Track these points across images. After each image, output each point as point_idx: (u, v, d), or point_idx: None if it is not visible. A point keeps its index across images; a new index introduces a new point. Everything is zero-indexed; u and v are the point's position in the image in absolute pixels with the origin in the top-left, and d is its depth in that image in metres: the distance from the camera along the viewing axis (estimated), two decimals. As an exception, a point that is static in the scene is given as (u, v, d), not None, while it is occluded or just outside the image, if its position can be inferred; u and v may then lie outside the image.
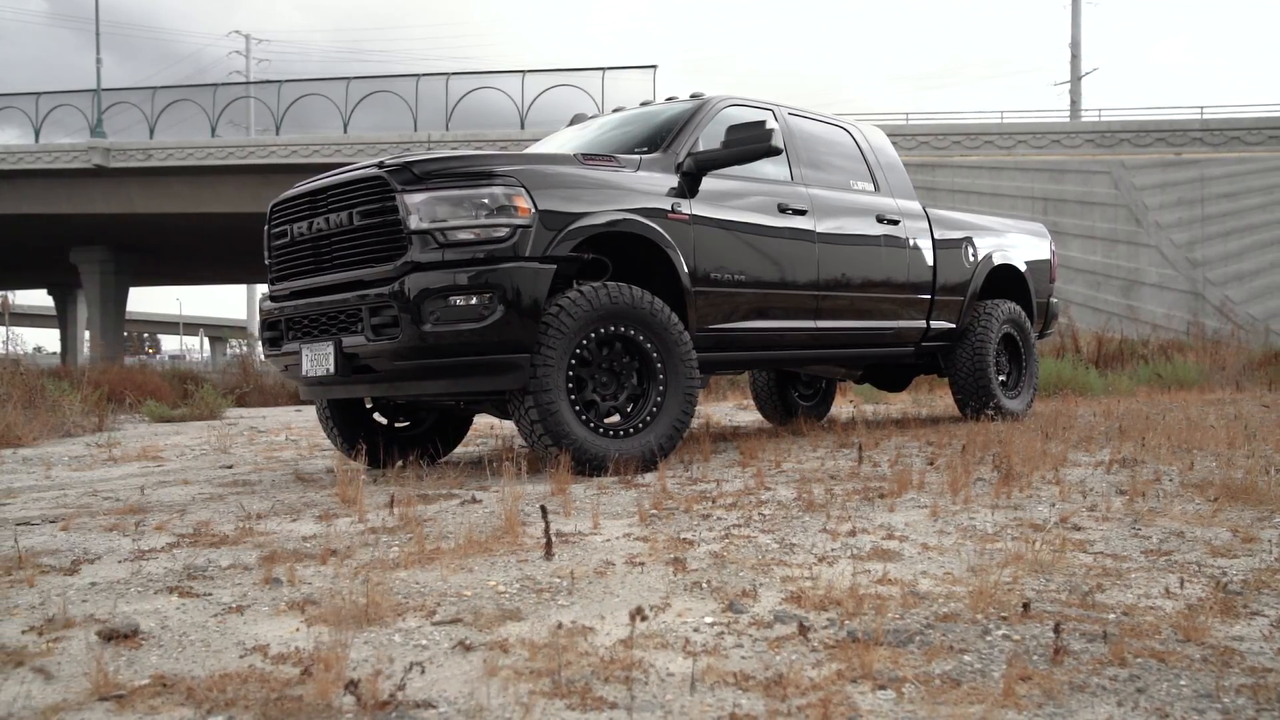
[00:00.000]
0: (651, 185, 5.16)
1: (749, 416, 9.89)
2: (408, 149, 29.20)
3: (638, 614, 1.99)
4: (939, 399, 11.66)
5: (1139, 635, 2.09)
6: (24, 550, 3.22)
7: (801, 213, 5.91)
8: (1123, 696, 1.77)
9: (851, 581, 2.63)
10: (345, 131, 30.91)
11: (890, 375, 7.86)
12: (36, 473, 6.17)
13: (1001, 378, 7.36)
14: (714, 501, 3.96)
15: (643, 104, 6.51)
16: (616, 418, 4.99)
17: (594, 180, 4.93)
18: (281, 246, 5.19)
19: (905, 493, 4.00)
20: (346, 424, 5.72)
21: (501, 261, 4.53)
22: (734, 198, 5.55)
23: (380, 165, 4.71)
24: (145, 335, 77.58)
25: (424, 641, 2.21)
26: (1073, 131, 25.36)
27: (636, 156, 5.29)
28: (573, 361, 4.74)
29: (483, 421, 9.52)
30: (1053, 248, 8.18)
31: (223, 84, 36.00)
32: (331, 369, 4.78)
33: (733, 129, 5.39)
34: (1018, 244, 7.74)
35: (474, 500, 4.10)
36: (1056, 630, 1.96)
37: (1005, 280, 7.55)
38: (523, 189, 4.61)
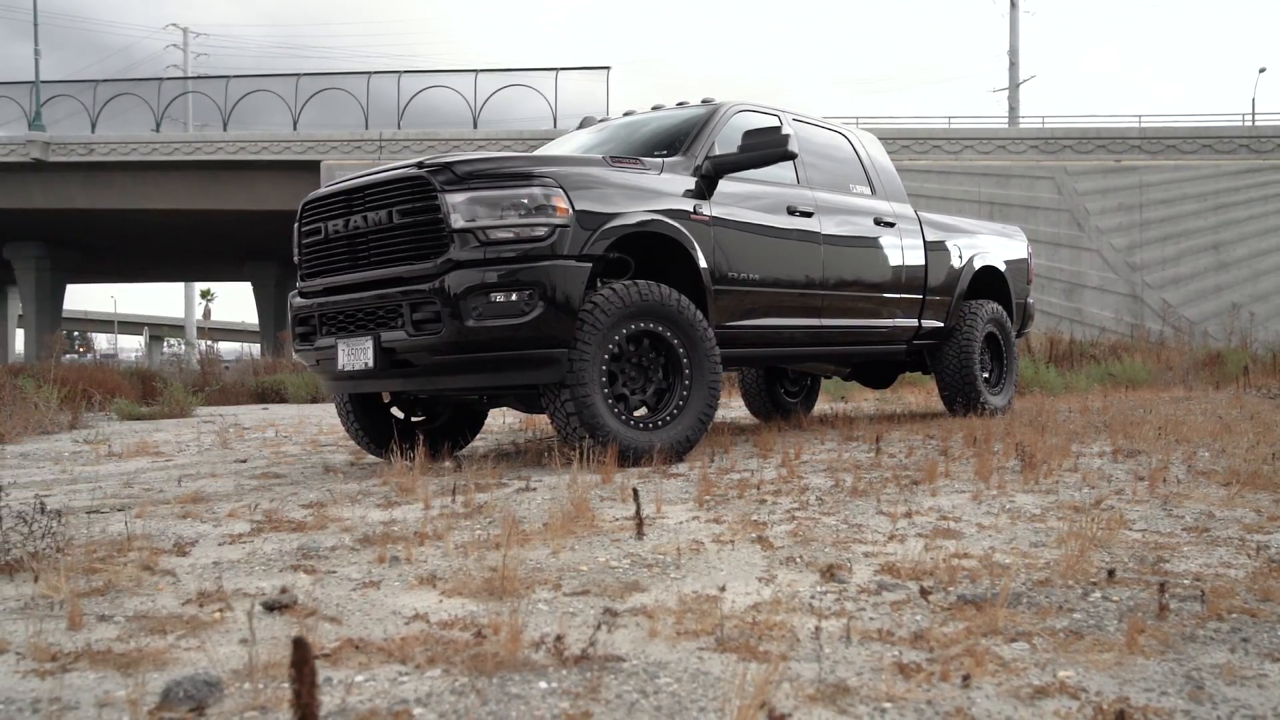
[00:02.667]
0: (675, 187, 5.37)
1: (732, 413, 10.13)
2: (358, 146, 29.14)
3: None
4: (906, 396, 12.01)
5: (1220, 596, 2.34)
6: (122, 535, 3.33)
7: (808, 215, 6.16)
8: (1232, 645, 2.02)
9: (933, 555, 2.86)
10: (295, 129, 30.64)
11: (877, 372, 8.16)
12: (47, 467, 6.19)
13: (985, 375, 7.68)
14: (758, 489, 4.17)
15: (654, 108, 6.71)
16: (643, 410, 5.19)
17: (623, 182, 5.13)
18: (314, 243, 5.30)
19: (936, 480, 4.25)
20: (367, 418, 5.85)
21: (541, 259, 4.70)
22: (747, 200, 5.78)
23: (420, 165, 4.86)
24: (76, 334, 75.84)
25: (570, 609, 2.39)
26: (1018, 138, 26.05)
27: (659, 159, 5.49)
28: (605, 357, 4.92)
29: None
30: (1029, 250, 8.54)
31: (167, 78, 35.48)
32: (370, 363, 4.91)
33: (749, 134, 5.61)
34: (998, 246, 8.07)
35: (528, 489, 4.27)
36: (1162, 590, 2.20)
37: (988, 281, 7.88)
38: (560, 190, 4.79)
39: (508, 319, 4.67)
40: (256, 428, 9.56)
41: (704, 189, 5.53)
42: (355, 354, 5.00)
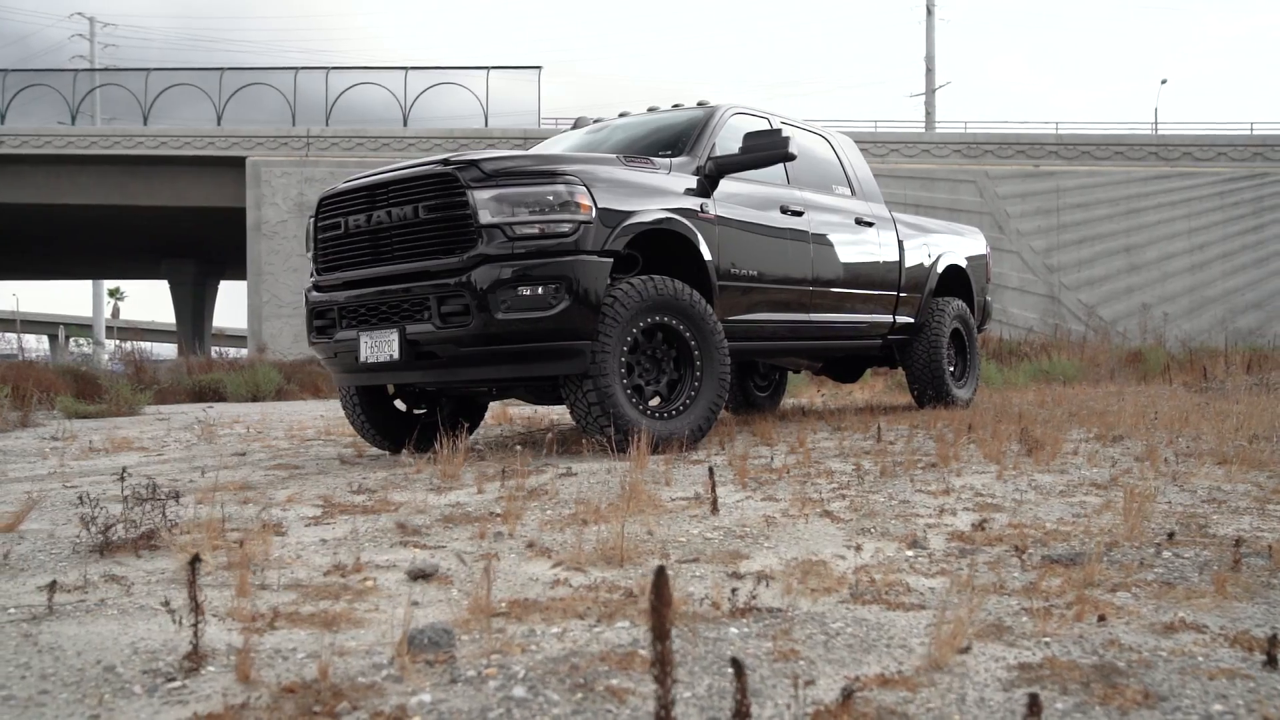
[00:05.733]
0: (683, 186, 5.58)
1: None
2: (285, 143, 28.71)
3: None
4: (855, 394, 12.40)
5: (1274, 553, 2.64)
6: (213, 518, 3.42)
7: (799, 214, 6.43)
8: (1307, 589, 2.31)
9: (991, 526, 3.12)
10: (219, 124, 30.08)
11: (846, 367, 8.47)
12: (38, 463, 6.15)
13: (951, 369, 8.04)
14: (788, 472, 4.41)
15: (649, 109, 6.91)
16: (656, 400, 5.38)
17: (639, 181, 5.33)
18: (334, 238, 5.38)
19: (950, 463, 4.53)
20: (373, 412, 5.95)
21: (566, 255, 4.87)
22: (746, 199, 6.02)
23: (446, 162, 4.99)
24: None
25: (696, 574, 2.59)
26: (942, 142, 26.83)
27: (667, 159, 5.70)
28: (623, 349, 5.10)
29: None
30: (988, 250, 8.95)
31: (83, 69, 34.50)
32: (395, 355, 5.03)
33: (750, 135, 5.85)
34: (961, 245, 8.46)
35: (569, 474, 4.44)
36: (1237, 545, 2.49)
37: (953, 279, 8.25)
38: (584, 187, 4.96)
39: (535, 312, 4.83)
40: (223, 424, 9.51)
41: (706, 188, 5.75)
42: (379, 346, 5.10)
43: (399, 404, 6.20)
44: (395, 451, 5.95)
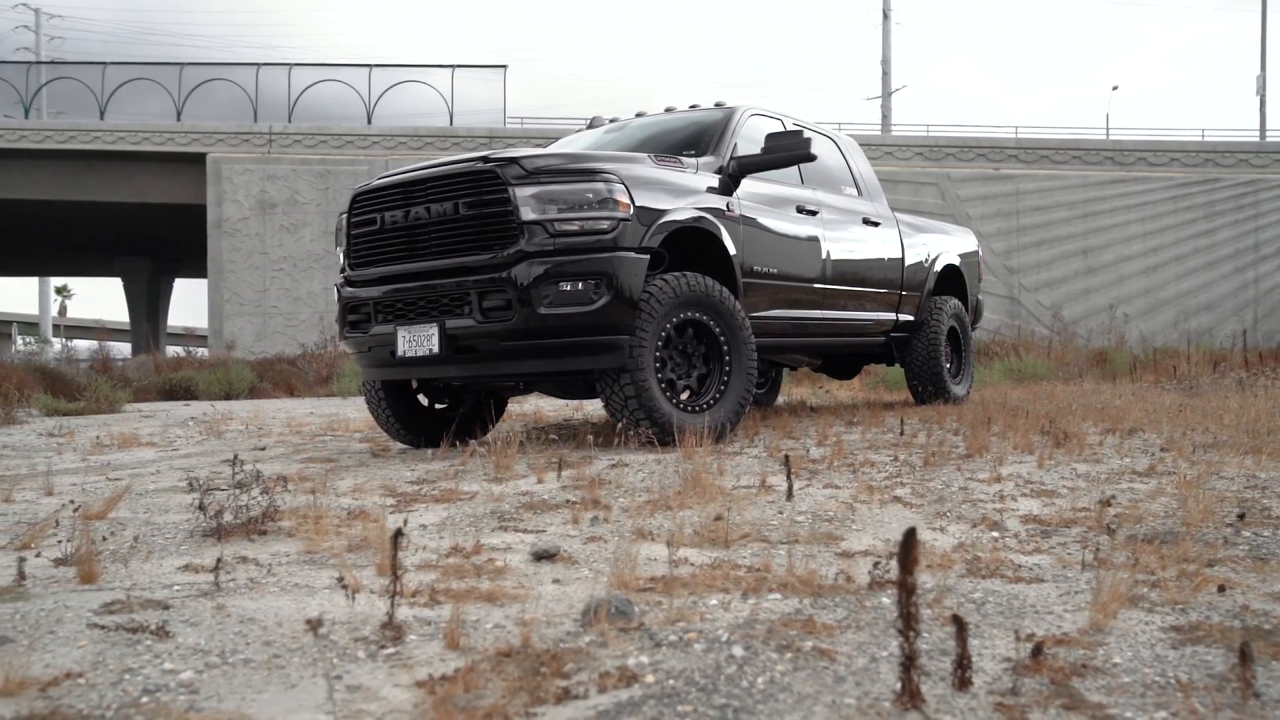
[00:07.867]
0: (709, 185, 5.70)
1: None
2: (247, 139, 28.41)
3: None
4: (837, 390, 12.60)
5: (1343, 530, 2.81)
6: (303, 506, 3.48)
7: (813, 214, 6.58)
8: (1391, 562, 2.48)
9: (1054, 510, 3.28)
10: (179, 119, 29.70)
11: (844, 364, 8.64)
12: (53, 459, 6.12)
13: (947, 365, 8.23)
14: (832, 463, 4.54)
15: (666, 110, 7.02)
16: (686, 394, 5.49)
17: (670, 180, 5.44)
18: (368, 234, 5.43)
19: (984, 454, 4.70)
20: (399, 407, 6.00)
21: (606, 251, 4.97)
22: (765, 198, 6.15)
23: (486, 159, 5.07)
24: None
25: (808, 553, 2.71)
26: (904, 145, 27.23)
27: (693, 159, 5.82)
28: (658, 344, 5.21)
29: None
30: (980, 249, 9.18)
31: (36, 62, 33.89)
32: (435, 349, 5.10)
33: (771, 136, 5.99)
34: (955, 245, 8.66)
35: (621, 464, 4.54)
36: (1318, 522, 2.65)
37: (949, 278, 8.45)
38: (623, 185, 5.07)
39: (577, 307, 4.92)
40: (219, 421, 9.47)
41: (730, 187, 5.88)
42: (418, 341, 5.16)
43: (421, 399, 6.25)
44: (418, 445, 6.01)
